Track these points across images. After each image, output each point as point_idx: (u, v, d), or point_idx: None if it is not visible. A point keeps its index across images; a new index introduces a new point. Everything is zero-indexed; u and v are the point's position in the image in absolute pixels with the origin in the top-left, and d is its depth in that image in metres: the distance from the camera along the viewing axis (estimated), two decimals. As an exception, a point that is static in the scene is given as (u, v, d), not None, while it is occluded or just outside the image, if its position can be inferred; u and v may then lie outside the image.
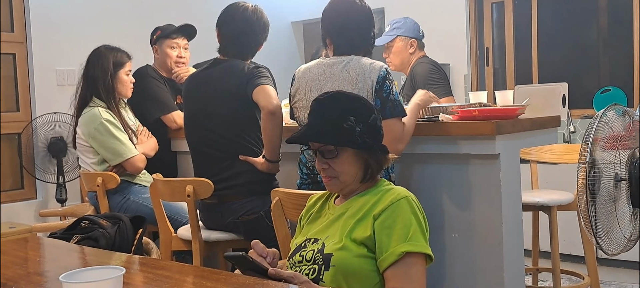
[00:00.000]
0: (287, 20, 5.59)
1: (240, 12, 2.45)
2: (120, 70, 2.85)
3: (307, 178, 2.18)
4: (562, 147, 3.06)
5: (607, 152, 2.03)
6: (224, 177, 2.38)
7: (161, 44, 3.08)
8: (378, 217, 1.52)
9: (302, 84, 2.18)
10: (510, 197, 2.19)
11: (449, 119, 2.25)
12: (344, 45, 2.17)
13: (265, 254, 1.52)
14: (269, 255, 1.53)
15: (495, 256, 2.16)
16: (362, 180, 1.61)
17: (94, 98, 2.81)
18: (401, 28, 3.08)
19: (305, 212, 1.74)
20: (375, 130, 1.61)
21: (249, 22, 2.44)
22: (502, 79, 4.80)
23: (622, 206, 2.00)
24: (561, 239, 2.83)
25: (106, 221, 1.88)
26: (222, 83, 2.40)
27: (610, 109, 2.06)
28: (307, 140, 1.63)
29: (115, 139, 2.75)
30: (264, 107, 2.29)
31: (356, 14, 2.17)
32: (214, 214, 2.44)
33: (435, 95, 2.89)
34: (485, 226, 2.17)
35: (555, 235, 2.64)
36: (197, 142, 2.50)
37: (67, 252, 1.72)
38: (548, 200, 2.63)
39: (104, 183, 2.73)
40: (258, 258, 1.50)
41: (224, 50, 2.48)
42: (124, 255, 1.66)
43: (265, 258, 1.51)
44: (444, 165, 2.25)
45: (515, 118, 2.23)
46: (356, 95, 1.67)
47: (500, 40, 4.81)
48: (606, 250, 1.98)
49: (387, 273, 1.49)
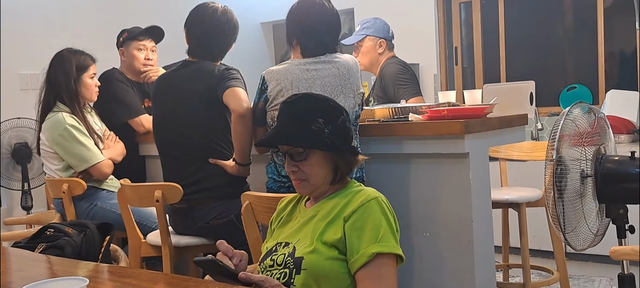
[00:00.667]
0: (256, 21, 5.56)
1: (210, 13, 2.42)
2: (84, 73, 2.78)
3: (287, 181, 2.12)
4: (530, 145, 3.11)
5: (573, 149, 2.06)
6: (194, 181, 2.35)
7: (128, 46, 3.02)
8: (348, 218, 1.51)
9: (285, 85, 2.11)
10: (480, 195, 2.21)
11: (418, 119, 2.26)
12: (314, 47, 2.16)
13: (231, 254, 1.49)
14: (235, 256, 1.50)
15: (466, 254, 2.18)
16: (332, 182, 1.60)
17: (57, 103, 2.75)
18: (371, 28, 3.08)
19: (276, 216, 1.73)
20: (344, 131, 1.61)
21: (219, 23, 2.41)
22: (471, 78, 4.86)
23: (589, 202, 2.04)
24: (530, 235, 2.87)
25: (72, 229, 1.84)
26: (191, 85, 2.37)
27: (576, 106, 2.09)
28: (276, 142, 1.62)
29: (80, 144, 2.69)
30: (234, 109, 2.26)
31: (327, 16, 2.19)
32: (184, 219, 2.41)
33: (405, 95, 2.92)
34: (455, 224, 2.19)
35: (525, 232, 2.68)
36: (166, 145, 2.46)
37: (32, 262, 1.67)
38: (517, 198, 2.67)
39: (70, 190, 2.67)
40: (224, 258, 1.47)
41: (193, 52, 2.45)
42: (91, 264, 1.62)
43: (231, 258, 1.48)
44: (413, 165, 2.26)
45: (484, 117, 2.26)
46: (324, 97, 1.67)
47: (468, 40, 4.87)
48: (574, 245, 2.01)
49: (358, 274, 1.49)
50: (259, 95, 2.19)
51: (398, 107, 2.43)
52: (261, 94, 2.18)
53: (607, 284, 3.44)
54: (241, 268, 1.45)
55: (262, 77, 2.19)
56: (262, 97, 2.17)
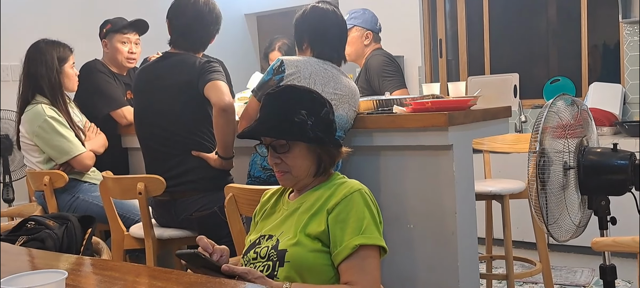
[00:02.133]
0: (240, 12, 5.52)
1: (192, 3, 2.40)
2: (64, 64, 2.75)
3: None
4: (513, 137, 3.12)
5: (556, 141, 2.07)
6: (176, 174, 2.33)
7: (111, 38, 2.98)
8: (332, 211, 1.51)
9: (304, 74, 2.16)
10: (464, 187, 2.22)
11: (402, 111, 2.26)
12: (327, 51, 2.25)
13: (211, 250, 1.47)
14: (216, 252, 1.48)
15: (450, 245, 2.19)
16: (315, 175, 1.59)
17: (36, 95, 2.70)
18: (358, 19, 3.08)
19: (260, 208, 1.72)
20: (327, 123, 1.60)
21: (201, 13, 2.39)
22: (456, 70, 4.87)
23: (571, 194, 2.05)
24: (514, 227, 2.89)
25: (53, 221, 1.81)
26: (172, 77, 2.34)
27: (559, 98, 2.10)
28: (259, 134, 1.60)
29: (60, 136, 2.65)
30: (216, 103, 2.24)
31: (337, 23, 2.30)
32: (167, 211, 2.39)
33: (389, 87, 2.92)
34: (439, 216, 2.20)
35: (508, 224, 2.70)
36: (148, 138, 2.43)
37: (12, 255, 1.64)
38: (500, 189, 2.69)
39: (51, 182, 2.64)
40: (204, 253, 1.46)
41: (175, 43, 2.42)
42: (73, 257, 1.60)
43: (211, 254, 1.46)
44: (398, 157, 2.27)
45: (468, 109, 2.26)
46: (308, 89, 1.66)
47: (453, 32, 4.88)
48: (556, 237, 2.02)
49: (342, 266, 1.49)
50: (272, 74, 2.19)
51: (382, 99, 2.43)
52: (276, 74, 2.18)
53: (589, 275, 3.49)
54: (223, 263, 1.44)
55: (280, 61, 2.20)
56: (276, 77, 2.17)
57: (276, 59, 2.25)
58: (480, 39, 4.72)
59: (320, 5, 2.30)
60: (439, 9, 4.85)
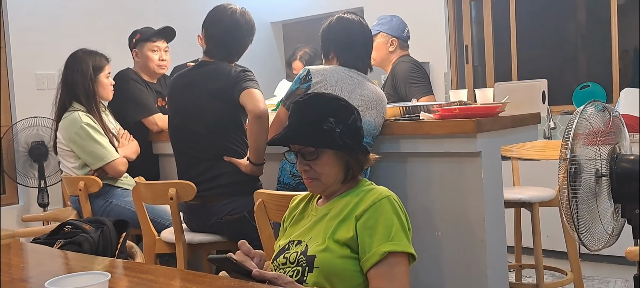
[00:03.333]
0: (267, 20, 5.58)
1: (229, 14, 2.45)
2: (100, 73, 2.82)
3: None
4: (542, 144, 3.10)
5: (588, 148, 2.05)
6: (207, 178, 2.38)
7: (141, 47, 3.06)
8: (360, 217, 1.52)
9: (330, 82, 2.20)
10: (492, 195, 2.21)
11: (429, 118, 2.27)
12: (354, 60, 2.28)
13: (252, 255, 1.51)
14: (256, 256, 1.53)
15: (479, 253, 2.18)
16: (344, 181, 1.61)
17: (73, 102, 2.78)
18: (385, 25, 3.10)
19: (288, 214, 1.74)
20: (355, 130, 1.62)
21: (237, 24, 2.44)
22: (482, 77, 4.84)
23: (604, 202, 2.03)
24: (544, 235, 2.86)
25: (89, 225, 1.87)
26: (208, 85, 2.40)
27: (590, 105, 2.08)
28: (288, 142, 1.63)
29: (95, 142, 2.73)
30: (251, 110, 2.29)
31: (363, 33, 2.33)
32: (198, 215, 2.43)
33: (416, 93, 2.92)
34: (468, 224, 2.19)
35: (538, 232, 2.67)
36: (181, 143, 2.49)
37: (51, 258, 1.70)
38: (530, 197, 2.66)
39: (86, 187, 2.71)
40: (243, 258, 1.49)
41: (210, 52, 2.47)
42: (108, 260, 1.65)
43: (252, 259, 1.51)
44: (425, 164, 2.27)
45: (496, 115, 2.26)
46: (335, 96, 1.68)
47: (479, 38, 4.85)
48: (588, 245, 2.00)
49: (371, 273, 1.50)
50: (299, 83, 2.24)
51: (409, 106, 2.44)
52: (303, 83, 2.23)
53: (622, 285, 3.42)
54: (260, 267, 1.47)
55: (307, 70, 2.25)
56: (304, 86, 2.21)
57: (303, 69, 2.29)
58: (507, 45, 4.69)
59: (346, 15, 2.33)
60: (465, 15, 4.83)
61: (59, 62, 2.90)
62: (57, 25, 4.02)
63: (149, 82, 3.08)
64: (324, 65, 2.33)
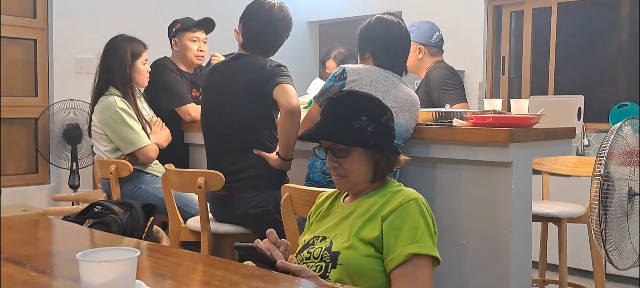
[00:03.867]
0: (303, 20, 5.61)
1: (266, 9, 2.47)
2: (137, 60, 2.87)
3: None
4: (575, 160, 3.04)
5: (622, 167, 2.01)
6: (236, 170, 2.40)
7: (181, 37, 3.10)
8: (386, 217, 1.52)
9: (365, 81, 2.20)
10: (521, 206, 2.18)
11: (462, 125, 2.25)
12: (390, 62, 2.28)
13: (279, 244, 1.53)
14: (282, 244, 1.54)
15: (503, 265, 2.15)
16: (372, 180, 1.61)
17: (110, 87, 2.84)
18: (413, 33, 3.07)
19: (315, 210, 1.75)
20: (387, 130, 1.61)
21: (274, 19, 2.46)
22: (517, 89, 4.77)
23: (635, 221, 1.99)
24: (569, 253, 2.81)
25: (119, 207, 1.91)
26: (242, 78, 2.42)
27: (627, 123, 2.05)
28: (319, 138, 1.63)
29: (129, 127, 2.78)
30: (284, 105, 2.31)
31: (402, 34, 2.33)
32: (224, 206, 2.46)
33: (450, 100, 2.89)
34: (494, 234, 2.17)
35: (565, 248, 2.63)
36: (212, 133, 2.52)
37: (79, 235, 1.74)
38: (559, 212, 2.62)
39: (117, 171, 2.76)
40: (270, 246, 1.50)
41: (247, 46, 2.49)
42: (135, 241, 1.68)
43: (278, 247, 1.52)
44: (455, 171, 2.25)
45: (530, 127, 2.23)
46: (369, 95, 1.68)
47: (517, 50, 4.78)
48: (616, 264, 1.96)
49: (394, 274, 1.49)
50: (334, 81, 2.25)
51: (442, 112, 2.42)
52: (337, 81, 2.24)
53: (648, 309, 3.33)
54: (286, 256, 1.49)
55: (342, 68, 2.26)
56: (338, 84, 2.23)
57: (338, 66, 2.29)
58: (546, 58, 4.61)
59: (386, 16, 2.33)
60: (504, 25, 4.77)
61: (99, 47, 2.97)
62: (99, 10, 4.12)
63: (185, 72, 3.13)
64: (359, 64, 2.33)
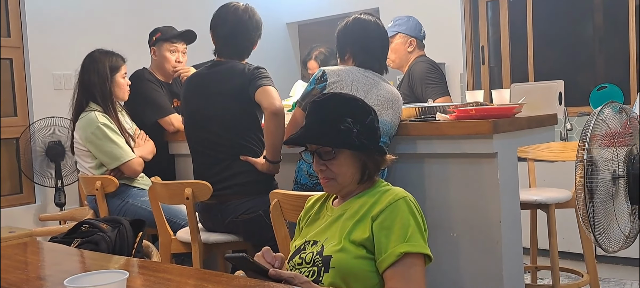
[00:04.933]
0: (282, 21, 5.60)
1: (232, 12, 2.47)
2: (116, 74, 2.85)
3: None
4: (559, 145, 3.07)
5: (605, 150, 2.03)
6: (224, 177, 2.39)
7: (160, 46, 3.07)
8: (376, 218, 1.52)
9: (346, 82, 2.20)
10: (509, 196, 2.20)
11: (446, 119, 2.26)
12: (369, 61, 2.28)
13: (274, 261, 1.52)
14: (277, 260, 1.53)
15: (494, 254, 2.17)
16: (360, 182, 1.61)
17: (90, 103, 2.81)
18: (403, 26, 3.09)
19: (304, 214, 1.74)
20: (372, 131, 1.61)
21: (241, 21, 2.46)
22: (498, 78, 4.81)
23: (621, 203, 2.01)
24: (560, 237, 2.83)
25: (106, 225, 1.88)
26: (223, 84, 2.41)
27: (607, 106, 2.06)
28: (305, 141, 1.63)
29: (112, 142, 2.75)
30: (267, 108, 2.30)
31: (379, 33, 2.33)
32: (214, 215, 2.45)
33: (432, 94, 2.91)
34: (483, 225, 2.18)
35: (554, 233, 2.65)
36: (198, 143, 2.50)
37: (68, 256, 1.72)
38: (546, 198, 2.64)
39: (102, 187, 2.73)
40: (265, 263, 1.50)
41: (220, 52, 2.49)
42: (125, 259, 1.66)
43: (273, 265, 1.51)
44: (441, 165, 2.26)
45: (512, 116, 2.24)
46: (353, 97, 1.68)
47: (495, 39, 4.82)
48: (605, 247, 1.98)
49: (386, 274, 1.49)
50: (315, 84, 2.24)
51: (425, 107, 2.43)
52: (318, 84, 2.23)
53: (639, 287, 3.38)
54: (278, 268, 1.48)
55: (322, 71, 2.25)
56: (319, 86, 2.22)
57: (318, 69, 2.29)
58: (524, 45, 4.65)
59: (363, 16, 2.33)
60: (481, 16, 4.80)
61: (76, 62, 2.93)
62: (74, 25, 4.07)
63: (164, 82, 3.10)
64: (339, 65, 2.33)
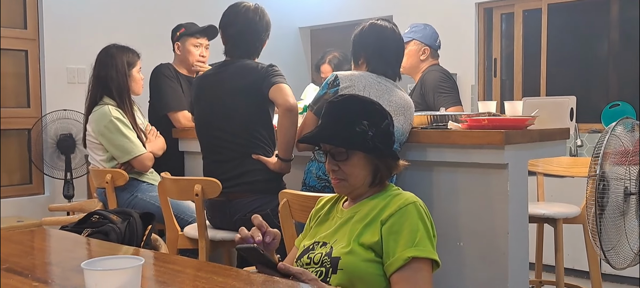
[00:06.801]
0: (294, 25, 5.62)
1: (242, 12, 2.49)
2: (133, 68, 2.89)
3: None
4: (569, 160, 3.06)
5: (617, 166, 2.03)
6: (234, 175, 2.40)
7: (184, 41, 3.13)
8: (385, 222, 1.52)
9: (358, 87, 2.21)
10: (517, 208, 2.19)
11: (457, 127, 2.26)
12: (383, 67, 2.29)
13: (265, 229, 1.49)
14: (269, 233, 1.49)
15: (500, 266, 2.16)
16: (371, 185, 1.61)
17: (104, 97, 2.84)
18: (418, 33, 3.09)
19: (314, 214, 1.75)
20: (387, 135, 1.62)
21: (252, 21, 2.48)
22: (509, 91, 4.80)
23: (631, 220, 2.01)
24: (565, 253, 2.82)
25: (117, 216, 1.90)
26: (236, 81, 2.43)
27: (620, 123, 2.06)
28: (319, 141, 1.63)
29: (123, 136, 2.77)
30: (281, 105, 2.32)
31: (395, 40, 2.34)
32: (222, 212, 2.46)
33: (445, 103, 2.91)
34: (490, 235, 2.18)
35: (561, 248, 2.64)
36: (210, 140, 2.52)
37: (78, 244, 1.73)
38: (554, 213, 2.63)
39: (113, 180, 2.75)
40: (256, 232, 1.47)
41: (230, 52, 2.52)
42: (133, 249, 1.68)
43: (264, 235, 1.47)
44: (451, 173, 2.26)
45: (525, 128, 2.24)
46: (371, 100, 1.69)
47: (508, 52, 4.82)
48: (613, 263, 1.98)
49: (394, 278, 1.49)
50: (327, 88, 2.25)
51: (437, 115, 2.43)
52: (330, 88, 2.25)
53: (644, 307, 3.36)
54: (273, 246, 1.48)
55: (335, 75, 2.27)
56: (331, 91, 2.23)
57: (331, 74, 2.30)
58: (537, 60, 4.64)
59: (379, 22, 2.34)
60: (495, 28, 4.80)
61: (90, 56, 2.96)
62: (90, 20, 4.10)
63: (185, 76, 3.14)
64: (352, 70, 2.34)
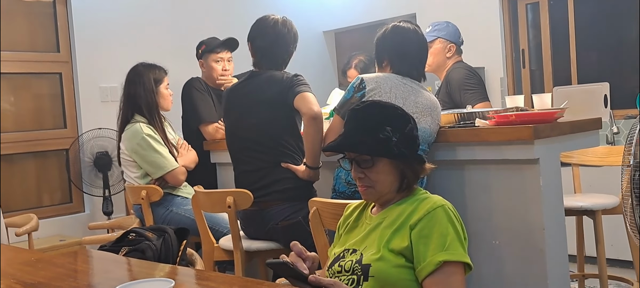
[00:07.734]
0: (319, 29, 5.64)
1: (271, 25, 2.52)
2: (160, 85, 2.95)
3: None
4: (605, 149, 2.99)
5: (652, 154, 1.97)
6: (265, 184, 2.44)
7: (206, 58, 3.20)
8: (415, 226, 1.52)
9: (384, 89, 2.21)
10: (552, 202, 2.16)
11: (485, 125, 2.24)
12: (407, 69, 2.29)
13: (304, 256, 1.50)
14: (308, 258, 1.51)
15: (538, 263, 2.13)
16: (398, 190, 1.61)
17: (135, 115, 2.91)
18: (443, 31, 3.08)
19: (343, 221, 1.75)
20: (412, 140, 1.61)
21: (280, 34, 2.52)
22: (540, 81, 4.72)
23: (669, 209, 1.95)
24: (608, 244, 2.76)
25: (152, 233, 1.94)
26: (263, 93, 2.47)
27: (654, 109, 2.00)
28: (343, 149, 1.64)
29: (156, 152, 2.83)
30: (306, 113, 2.34)
31: (418, 42, 2.34)
32: (255, 221, 2.49)
33: (471, 100, 2.88)
34: (526, 232, 2.15)
35: (601, 240, 2.59)
36: (238, 151, 2.56)
37: (116, 264, 1.78)
38: (592, 205, 2.58)
39: (148, 196, 2.81)
40: (296, 259, 1.50)
41: (259, 64, 2.56)
42: (170, 267, 1.71)
43: (304, 261, 1.49)
44: (482, 171, 2.24)
45: (554, 121, 2.20)
46: (393, 105, 1.69)
47: (536, 41, 4.73)
48: (653, 254, 1.92)
49: (426, 283, 1.49)
50: (353, 92, 2.26)
51: (464, 113, 2.41)
52: (357, 91, 2.25)
53: (692, 296, 3.25)
54: (312, 270, 1.48)
55: (360, 79, 2.28)
56: (358, 94, 2.24)
57: (356, 77, 2.31)
58: (566, 48, 4.55)
59: (402, 24, 2.34)
60: (521, 18, 4.72)
61: (122, 74, 3.04)
62: (119, 39, 4.20)
63: (215, 89, 3.20)
64: (377, 73, 2.34)
